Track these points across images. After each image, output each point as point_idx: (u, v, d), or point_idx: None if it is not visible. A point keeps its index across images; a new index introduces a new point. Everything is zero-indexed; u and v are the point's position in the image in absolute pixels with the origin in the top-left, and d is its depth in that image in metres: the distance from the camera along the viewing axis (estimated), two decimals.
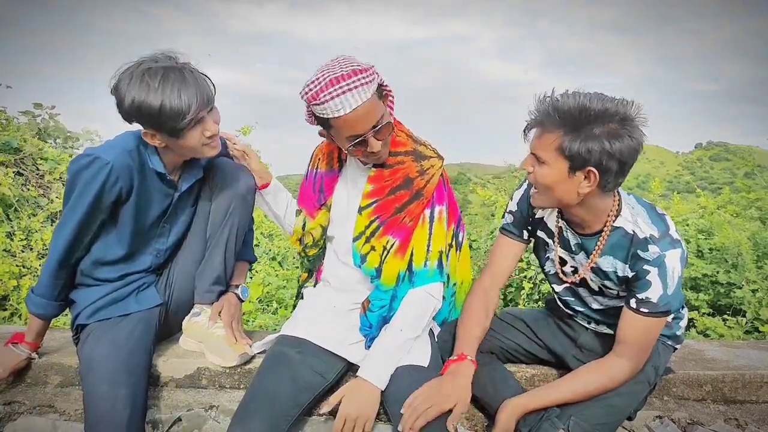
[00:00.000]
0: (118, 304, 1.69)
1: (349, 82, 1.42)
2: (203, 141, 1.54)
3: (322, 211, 1.75)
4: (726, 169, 62.17)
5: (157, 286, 1.79)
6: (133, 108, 1.44)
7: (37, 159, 4.73)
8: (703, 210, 4.53)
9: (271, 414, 1.42)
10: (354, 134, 1.49)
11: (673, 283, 1.39)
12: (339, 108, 1.43)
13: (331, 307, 1.73)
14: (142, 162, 1.59)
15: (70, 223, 1.56)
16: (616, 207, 1.45)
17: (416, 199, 1.64)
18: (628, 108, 1.29)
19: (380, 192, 1.65)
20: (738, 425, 1.69)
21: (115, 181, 1.53)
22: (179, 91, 1.43)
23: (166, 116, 1.43)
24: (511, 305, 4.08)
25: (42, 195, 4.54)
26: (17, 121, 5.23)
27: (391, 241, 1.64)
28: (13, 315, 3.56)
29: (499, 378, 1.64)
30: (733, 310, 3.36)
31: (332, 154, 1.75)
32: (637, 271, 1.41)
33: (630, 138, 1.28)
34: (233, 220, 1.74)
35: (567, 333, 1.74)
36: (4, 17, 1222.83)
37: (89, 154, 1.52)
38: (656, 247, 1.38)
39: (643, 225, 1.42)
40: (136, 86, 1.42)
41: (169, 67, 1.46)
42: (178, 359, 1.78)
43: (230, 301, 1.81)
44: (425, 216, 1.66)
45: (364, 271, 1.67)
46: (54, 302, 1.65)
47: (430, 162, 1.66)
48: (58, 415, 1.68)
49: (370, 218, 1.65)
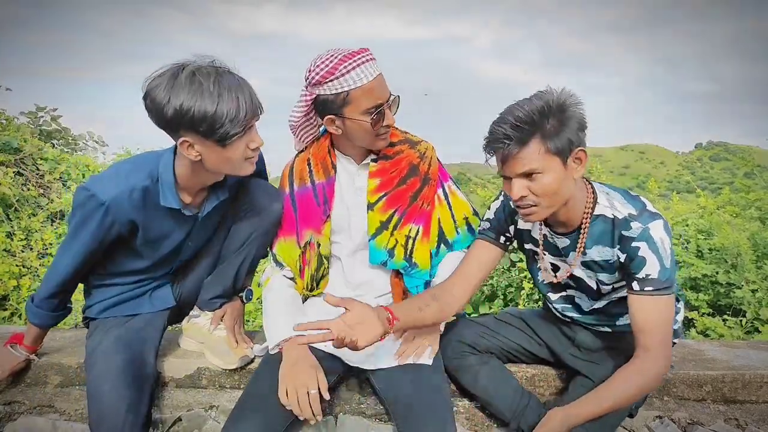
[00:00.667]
0: (130, 303, 1.69)
1: (362, 56, 1.48)
2: (247, 154, 1.43)
3: (327, 223, 1.68)
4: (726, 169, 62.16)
5: (172, 287, 1.78)
6: (180, 113, 1.31)
7: (37, 159, 4.73)
8: (702, 210, 4.53)
9: (265, 416, 1.41)
10: (375, 104, 1.50)
11: (667, 254, 1.39)
12: (362, 77, 1.46)
13: (330, 310, 1.72)
14: (149, 200, 1.49)
15: (70, 252, 1.53)
16: (592, 197, 1.48)
17: (426, 184, 1.69)
18: (552, 91, 1.36)
19: (388, 184, 1.65)
20: (738, 425, 1.69)
21: (111, 223, 1.47)
22: (236, 93, 1.33)
23: (221, 120, 1.32)
24: (511, 305, 4.08)
25: (42, 195, 4.54)
26: (17, 121, 5.23)
27: (413, 228, 1.67)
28: (13, 315, 3.56)
29: (499, 377, 1.64)
30: (733, 310, 3.36)
31: (326, 162, 1.69)
32: (628, 251, 1.41)
33: (576, 106, 1.36)
34: (250, 249, 1.70)
35: (565, 332, 1.74)
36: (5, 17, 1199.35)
37: (88, 188, 1.44)
38: (637, 222, 1.40)
39: (620, 207, 1.44)
40: (186, 89, 1.30)
41: (221, 69, 1.37)
42: (178, 359, 1.78)
43: (233, 306, 1.80)
44: (439, 196, 1.73)
45: (392, 265, 1.66)
46: (53, 314, 1.63)
47: (423, 146, 1.72)
48: (58, 415, 1.68)
49: (386, 212, 1.65)
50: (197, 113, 1.31)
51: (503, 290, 4.12)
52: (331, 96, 1.49)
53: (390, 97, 1.55)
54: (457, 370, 1.67)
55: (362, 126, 1.53)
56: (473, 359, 1.67)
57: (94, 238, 1.48)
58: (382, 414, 1.67)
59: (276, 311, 1.63)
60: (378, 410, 1.67)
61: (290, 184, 1.71)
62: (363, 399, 1.71)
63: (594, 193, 1.48)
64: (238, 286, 1.78)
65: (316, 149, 1.70)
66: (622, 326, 1.63)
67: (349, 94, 1.48)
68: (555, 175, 1.35)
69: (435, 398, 1.48)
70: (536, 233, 1.60)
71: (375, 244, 1.65)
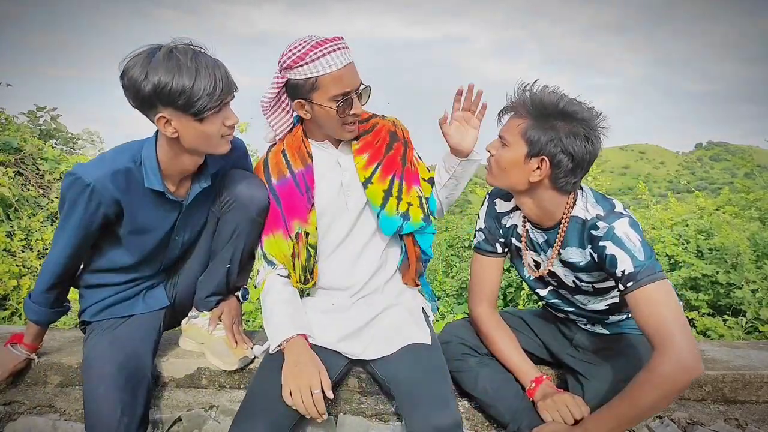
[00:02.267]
0: (124, 304, 1.69)
1: (334, 44, 1.50)
2: (223, 131, 1.49)
3: (313, 212, 1.67)
4: (726, 169, 62.16)
5: (166, 287, 1.79)
6: (157, 88, 1.36)
7: (37, 159, 4.73)
8: (702, 211, 4.53)
9: (272, 416, 1.41)
10: (343, 92, 1.52)
11: (635, 246, 1.38)
12: (331, 64, 1.49)
13: (329, 305, 1.72)
14: (133, 182, 1.52)
15: (62, 240, 1.55)
16: (573, 199, 1.51)
17: (407, 147, 1.76)
18: (594, 116, 1.42)
19: (378, 154, 1.68)
20: (738, 425, 1.69)
21: (97, 204, 1.49)
22: (212, 70, 1.39)
23: (199, 94, 1.37)
24: (510, 305, 4.08)
25: (42, 195, 4.54)
26: (17, 121, 5.23)
27: (416, 189, 1.72)
28: (13, 315, 3.56)
29: (499, 380, 1.64)
30: (733, 310, 3.36)
31: (301, 150, 1.67)
32: (599, 251, 1.44)
33: (587, 140, 1.40)
34: (238, 242, 1.69)
35: (563, 332, 1.76)
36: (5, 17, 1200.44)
37: (73, 173, 1.47)
38: (603, 222, 1.43)
39: (590, 208, 1.48)
40: (163, 66, 1.35)
41: (197, 48, 1.44)
42: (178, 359, 1.78)
43: (230, 305, 1.80)
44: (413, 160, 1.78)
45: (409, 228, 1.68)
46: (51, 309, 1.64)
47: (389, 117, 1.79)
48: (58, 415, 1.68)
49: (385, 180, 1.67)
50: (175, 87, 1.36)
51: (503, 290, 4.12)
52: (300, 81, 1.52)
53: (360, 87, 1.56)
54: (458, 372, 1.67)
55: (328, 113, 1.55)
56: (473, 361, 1.67)
57: (83, 221, 1.50)
58: (382, 414, 1.67)
59: (276, 312, 1.63)
60: (378, 410, 1.68)
61: (267, 180, 1.69)
62: (363, 399, 1.71)
63: (574, 196, 1.52)
64: (232, 282, 1.78)
65: (290, 139, 1.69)
66: (615, 325, 1.65)
67: (317, 80, 1.51)
68: (512, 157, 1.46)
69: (435, 377, 1.49)
70: (520, 228, 1.66)
71: (386, 213, 1.65)
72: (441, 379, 1.51)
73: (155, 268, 1.74)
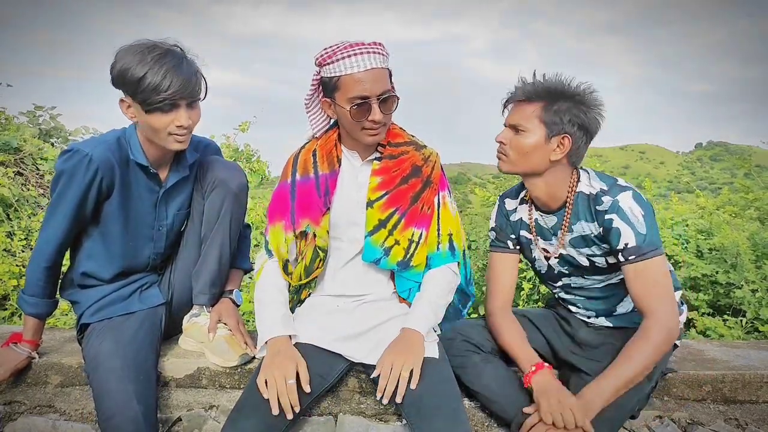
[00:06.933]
0: (121, 303, 1.70)
1: (367, 47, 1.52)
2: (170, 129, 1.55)
3: (326, 215, 1.68)
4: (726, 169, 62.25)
5: (160, 286, 1.80)
6: (119, 72, 1.50)
7: (37, 159, 4.73)
8: (702, 210, 4.53)
9: (266, 415, 1.40)
10: (360, 95, 1.52)
11: (639, 221, 1.49)
12: (353, 65, 1.50)
13: (334, 306, 1.72)
14: (124, 154, 1.62)
15: (56, 218, 1.58)
16: (576, 176, 1.62)
17: (428, 186, 1.69)
18: (587, 90, 1.56)
19: (390, 183, 1.66)
20: (738, 425, 1.69)
21: (95, 172, 1.55)
22: (167, 71, 1.48)
23: (143, 87, 1.48)
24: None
25: (42, 195, 4.54)
26: (17, 121, 5.22)
27: (416, 232, 1.67)
28: (13, 315, 3.56)
29: (502, 376, 1.64)
30: (733, 310, 3.36)
31: (332, 154, 1.70)
32: (604, 224, 1.53)
33: (591, 111, 1.54)
34: (226, 220, 1.74)
35: (566, 330, 1.78)
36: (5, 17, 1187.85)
37: (70, 148, 1.57)
38: (608, 196, 1.54)
39: (594, 183, 1.59)
40: (131, 55, 1.49)
41: (172, 51, 1.52)
42: (178, 359, 1.78)
43: (228, 308, 1.81)
44: (433, 202, 1.72)
45: (384, 265, 1.66)
46: (47, 300, 1.66)
47: (428, 150, 1.74)
48: (58, 415, 1.68)
49: (386, 211, 1.65)
50: (129, 75, 1.48)
51: None
52: (327, 78, 1.56)
53: (384, 95, 1.54)
54: (460, 368, 1.67)
55: (345, 114, 1.56)
56: (477, 358, 1.67)
57: (81, 193, 1.56)
58: (382, 414, 1.67)
59: (264, 310, 1.65)
60: (378, 410, 1.68)
61: (293, 174, 1.72)
62: (363, 399, 1.71)
63: (578, 173, 1.61)
64: (225, 267, 1.79)
65: (324, 141, 1.72)
66: (621, 317, 1.67)
67: (339, 80, 1.53)
68: (533, 140, 1.55)
69: (444, 389, 1.48)
70: (527, 218, 1.72)
71: (371, 241, 1.65)
72: (451, 391, 1.49)
73: (143, 263, 1.76)
